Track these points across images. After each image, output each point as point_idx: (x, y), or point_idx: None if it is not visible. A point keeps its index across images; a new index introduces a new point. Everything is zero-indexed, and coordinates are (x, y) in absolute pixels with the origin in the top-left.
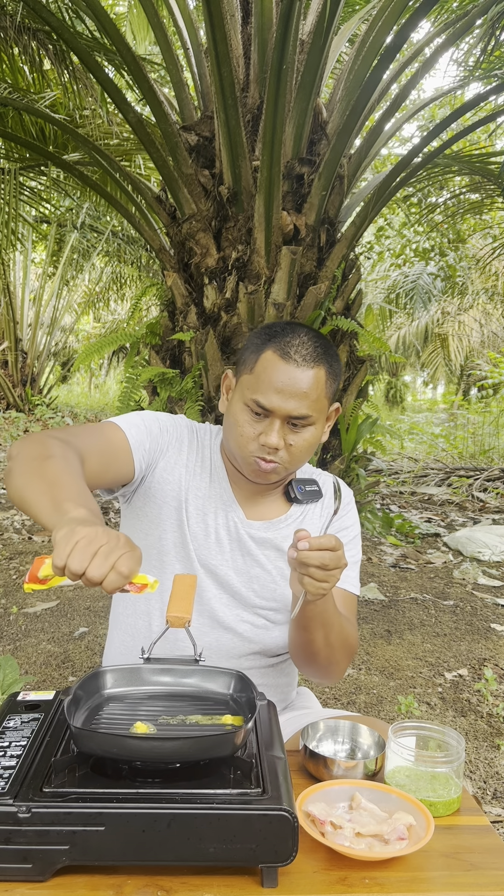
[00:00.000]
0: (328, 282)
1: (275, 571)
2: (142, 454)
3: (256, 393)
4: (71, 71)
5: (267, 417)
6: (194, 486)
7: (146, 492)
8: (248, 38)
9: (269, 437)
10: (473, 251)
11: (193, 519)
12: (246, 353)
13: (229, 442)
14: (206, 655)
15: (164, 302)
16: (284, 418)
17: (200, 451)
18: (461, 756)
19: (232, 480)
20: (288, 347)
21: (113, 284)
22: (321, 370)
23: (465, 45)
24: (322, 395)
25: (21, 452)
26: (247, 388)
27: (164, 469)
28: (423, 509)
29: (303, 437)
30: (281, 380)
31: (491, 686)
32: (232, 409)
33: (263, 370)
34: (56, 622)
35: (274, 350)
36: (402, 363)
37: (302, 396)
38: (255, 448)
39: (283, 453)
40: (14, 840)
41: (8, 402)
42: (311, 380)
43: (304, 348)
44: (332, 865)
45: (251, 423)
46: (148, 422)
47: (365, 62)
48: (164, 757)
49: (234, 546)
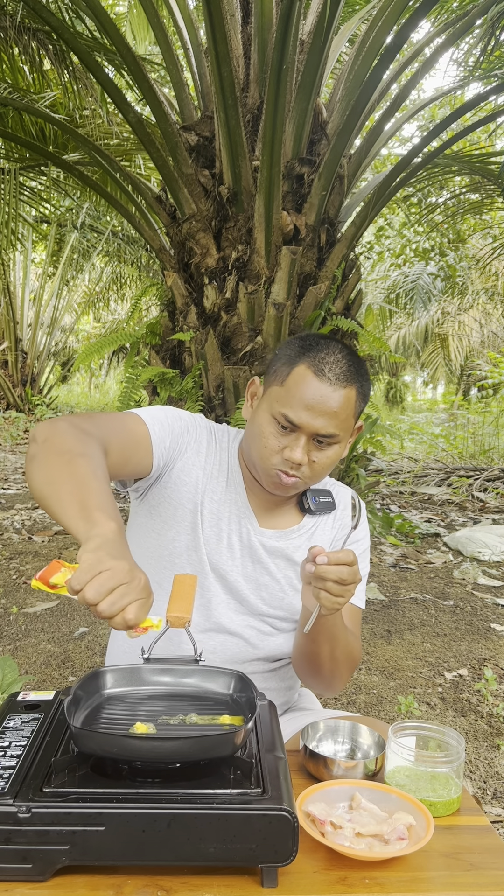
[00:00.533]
0: (328, 282)
1: (284, 581)
2: (161, 451)
3: (286, 407)
4: (71, 71)
5: (293, 432)
6: (210, 490)
7: (161, 491)
8: (248, 38)
9: (294, 453)
10: (473, 251)
11: (207, 523)
12: (277, 364)
13: (251, 451)
14: (210, 659)
15: (164, 302)
16: (311, 435)
17: (218, 453)
18: (461, 756)
19: (248, 487)
20: (322, 364)
21: (113, 284)
22: (352, 390)
23: (465, 45)
24: (350, 415)
25: (48, 441)
26: (276, 401)
27: (181, 470)
28: (423, 509)
29: (326, 455)
30: (312, 396)
31: (491, 686)
32: (258, 419)
33: (295, 384)
34: (56, 622)
35: (308, 365)
36: (402, 363)
37: (331, 415)
38: (278, 461)
39: (305, 469)
40: (14, 840)
41: (8, 402)
42: (342, 399)
43: (338, 366)
44: (332, 865)
45: (276, 436)
46: (171, 419)
47: (365, 62)
48: (164, 757)
49: (245, 553)
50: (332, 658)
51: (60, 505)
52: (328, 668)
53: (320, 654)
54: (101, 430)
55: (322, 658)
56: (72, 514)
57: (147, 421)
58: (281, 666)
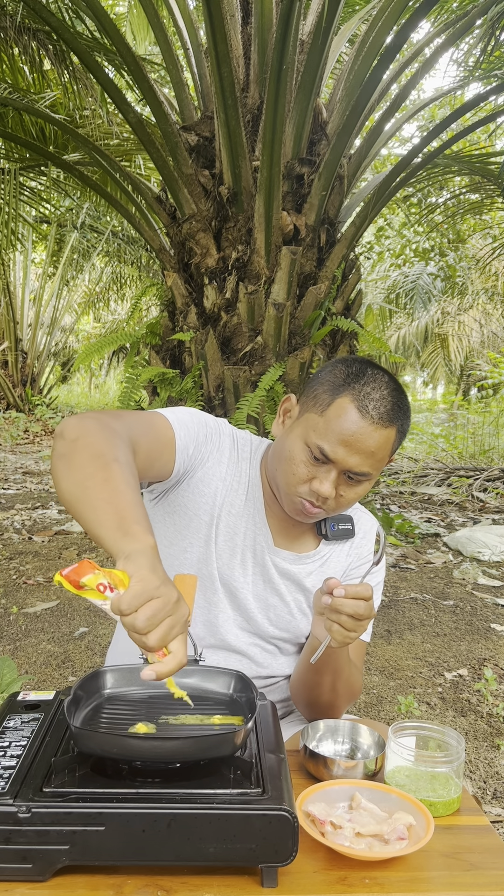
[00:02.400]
0: (328, 282)
1: (293, 604)
2: (184, 458)
3: (322, 439)
4: (71, 71)
5: (325, 464)
6: (229, 503)
7: (178, 498)
8: (248, 39)
9: (323, 486)
10: (473, 251)
11: (223, 536)
12: (319, 389)
13: (277, 472)
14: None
15: (164, 302)
16: (343, 470)
17: (239, 464)
18: (461, 756)
19: (266, 503)
20: (367, 400)
21: (113, 284)
22: (393, 431)
23: (465, 45)
24: (386, 455)
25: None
26: (312, 430)
27: (201, 479)
28: (423, 509)
29: (355, 491)
30: (353, 434)
31: (491, 686)
32: (289, 442)
33: (336, 417)
34: (56, 622)
35: (352, 399)
36: (402, 363)
37: (368, 455)
38: (305, 491)
39: (331, 502)
40: (14, 840)
41: (8, 402)
42: (381, 439)
43: (383, 404)
44: (332, 865)
45: (307, 465)
46: (196, 424)
47: (365, 62)
48: (165, 757)
49: (258, 571)
50: (333, 690)
51: (94, 513)
52: (327, 699)
53: (321, 685)
54: (131, 431)
55: (323, 689)
56: (108, 525)
57: (174, 425)
58: (280, 681)
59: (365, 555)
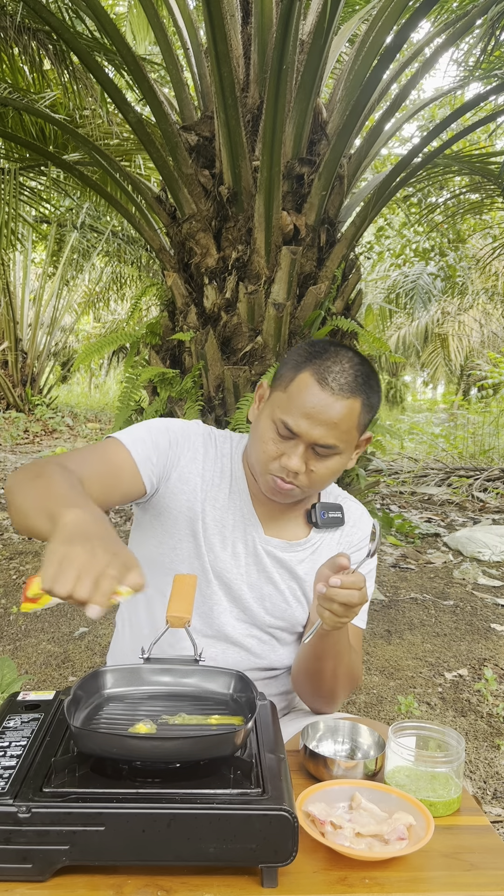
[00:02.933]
0: (328, 282)
1: (287, 592)
2: (150, 469)
3: (286, 414)
4: (71, 71)
5: (292, 439)
6: (212, 497)
7: (160, 501)
8: (248, 38)
9: (290, 461)
10: (473, 251)
11: (211, 530)
12: (284, 369)
13: (251, 455)
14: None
15: (164, 302)
16: (309, 444)
17: (219, 460)
18: (461, 756)
19: (253, 494)
20: (327, 373)
21: (113, 284)
22: (357, 402)
23: (465, 45)
24: (353, 427)
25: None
26: (277, 407)
27: (178, 479)
28: (423, 509)
29: (326, 465)
30: (312, 405)
31: (491, 686)
32: (260, 423)
33: (297, 392)
34: (56, 622)
35: (312, 373)
36: (402, 363)
37: (331, 426)
38: (276, 468)
39: (302, 477)
40: (14, 840)
41: (8, 402)
42: (343, 410)
43: (343, 376)
44: (332, 865)
45: (276, 442)
46: (155, 434)
47: (365, 62)
48: (165, 757)
49: (251, 560)
50: (335, 675)
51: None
52: (329, 685)
53: (323, 671)
54: (77, 465)
55: (325, 675)
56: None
57: (128, 443)
58: (279, 674)
59: (356, 542)
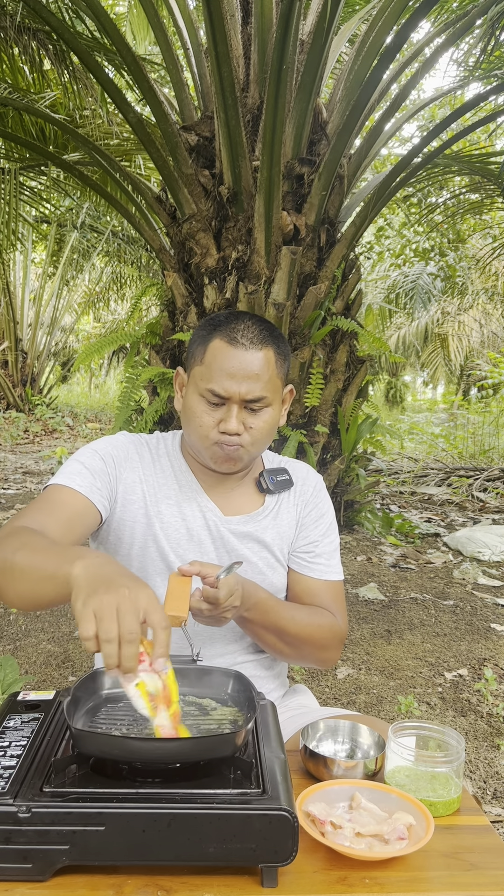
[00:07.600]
0: (328, 282)
1: (261, 562)
2: (98, 496)
3: (210, 382)
4: (71, 71)
5: (223, 405)
6: (163, 496)
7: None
8: (248, 39)
9: (229, 423)
10: (473, 251)
11: (172, 527)
12: (193, 347)
13: (190, 436)
14: (200, 642)
15: (164, 302)
16: (241, 403)
17: (157, 460)
18: (461, 756)
19: (200, 480)
20: (234, 333)
21: (113, 284)
22: (269, 351)
23: (465, 45)
24: (274, 375)
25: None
26: (200, 380)
27: (125, 492)
28: (423, 509)
29: (262, 420)
30: (232, 364)
31: (491, 686)
32: (188, 403)
33: (213, 358)
34: (56, 622)
35: (221, 338)
36: (402, 363)
37: (254, 378)
38: (217, 436)
39: (245, 436)
40: (14, 840)
41: (8, 402)
42: (261, 361)
43: (249, 332)
44: (332, 865)
45: (209, 413)
46: (87, 462)
47: (365, 62)
48: (165, 758)
49: (218, 544)
50: (288, 644)
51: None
52: (288, 652)
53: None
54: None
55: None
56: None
57: (67, 483)
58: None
59: (309, 497)
